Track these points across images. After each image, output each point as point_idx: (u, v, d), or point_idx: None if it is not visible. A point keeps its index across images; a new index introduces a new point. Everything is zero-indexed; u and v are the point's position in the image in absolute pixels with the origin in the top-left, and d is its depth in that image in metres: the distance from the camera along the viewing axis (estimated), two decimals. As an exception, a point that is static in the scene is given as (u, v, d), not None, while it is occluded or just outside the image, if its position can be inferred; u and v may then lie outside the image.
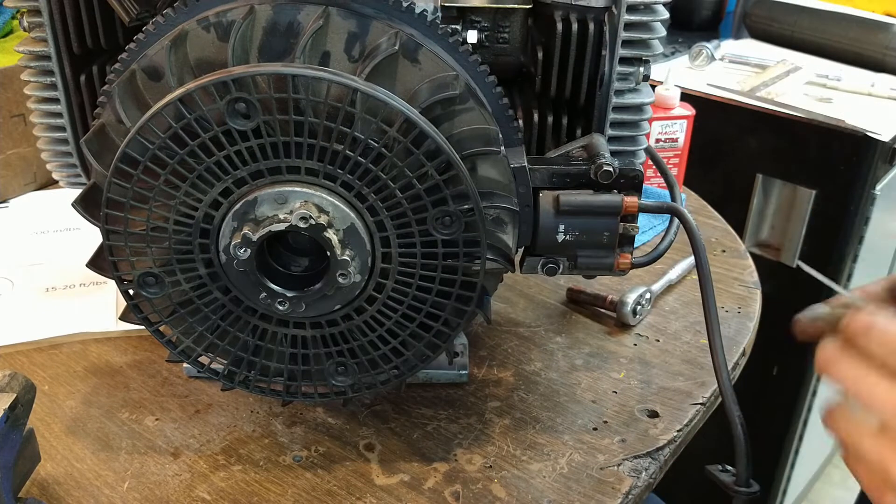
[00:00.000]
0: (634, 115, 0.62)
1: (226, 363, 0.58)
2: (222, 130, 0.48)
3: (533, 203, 0.56)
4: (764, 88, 1.38)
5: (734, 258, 0.91)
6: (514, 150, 0.56)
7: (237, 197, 0.51)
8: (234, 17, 0.51)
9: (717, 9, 1.75)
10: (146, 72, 0.52)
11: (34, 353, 0.73)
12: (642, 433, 0.65)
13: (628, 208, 0.56)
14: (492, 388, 0.70)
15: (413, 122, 0.48)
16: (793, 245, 1.34)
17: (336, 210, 0.50)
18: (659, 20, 0.60)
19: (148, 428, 0.65)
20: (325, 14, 0.51)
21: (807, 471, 1.65)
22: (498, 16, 0.63)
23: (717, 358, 0.58)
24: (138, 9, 0.58)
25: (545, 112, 0.64)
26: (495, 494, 0.59)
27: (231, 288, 0.54)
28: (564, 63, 0.62)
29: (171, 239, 0.52)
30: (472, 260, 0.53)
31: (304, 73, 0.47)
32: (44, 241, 0.92)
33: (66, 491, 0.59)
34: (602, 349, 0.75)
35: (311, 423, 0.65)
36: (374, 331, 0.56)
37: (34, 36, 0.62)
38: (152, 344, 0.74)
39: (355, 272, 0.52)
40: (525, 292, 0.84)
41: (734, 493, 0.57)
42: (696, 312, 0.81)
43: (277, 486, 0.59)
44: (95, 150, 0.53)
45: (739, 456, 0.56)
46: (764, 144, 1.32)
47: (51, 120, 0.65)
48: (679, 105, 1.01)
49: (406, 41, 0.52)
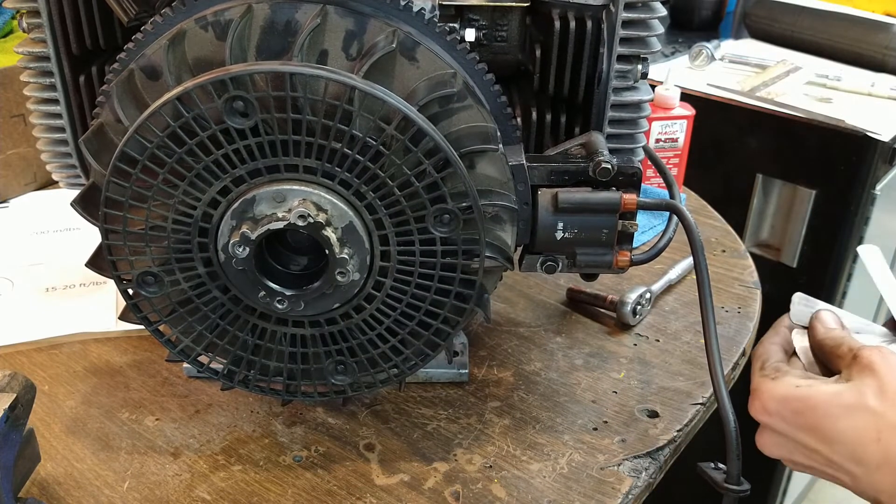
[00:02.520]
0: (633, 113, 0.62)
1: (225, 362, 0.58)
2: (220, 129, 0.48)
3: (531, 201, 0.56)
4: (764, 88, 1.38)
5: (734, 258, 0.91)
6: (512, 148, 0.56)
7: (236, 195, 0.51)
8: (231, 16, 0.51)
9: (717, 9, 1.75)
10: (144, 71, 0.52)
11: (34, 353, 0.73)
12: (642, 433, 0.65)
13: (627, 205, 0.56)
14: (492, 388, 0.70)
15: (411, 119, 0.48)
16: (793, 245, 1.34)
17: (334, 208, 0.50)
18: (657, 17, 0.60)
19: (148, 428, 0.64)
20: (322, 12, 0.51)
21: (808, 471, 1.64)
22: (496, 14, 0.63)
23: (712, 350, 0.59)
24: (137, 9, 0.58)
25: (543, 110, 0.64)
26: (495, 494, 0.59)
27: (230, 287, 0.54)
28: (562, 61, 0.62)
29: (170, 238, 0.52)
30: (471, 258, 0.53)
31: (301, 71, 0.47)
32: (44, 241, 0.92)
33: (66, 491, 0.58)
34: (602, 349, 0.75)
35: (311, 423, 0.65)
36: (373, 329, 0.56)
37: (33, 37, 0.62)
38: (152, 344, 0.74)
39: (354, 270, 0.52)
40: (525, 292, 0.84)
41: (724, 491, 0.57)
42: (696, 312, 0.81)
43: (277, 486, 0.59)
44: (94, 149, 0.53)
45: (730, 453, 0.56)
46: (764, 144, 1.32)
47: (50, 120, 0.65)
48: (679, 105, 1.01)
49: (404, 39, 0.52)
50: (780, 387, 0.54)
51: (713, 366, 0.58)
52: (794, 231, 1.33)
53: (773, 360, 0.57)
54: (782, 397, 0.53)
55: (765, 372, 0.56)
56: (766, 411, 0.54)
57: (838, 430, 0.51)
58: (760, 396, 0.54)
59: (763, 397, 0.54)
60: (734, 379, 0.75)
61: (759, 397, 0.54)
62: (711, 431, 0.70)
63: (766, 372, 0.56)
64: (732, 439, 0.56)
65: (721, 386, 0.58)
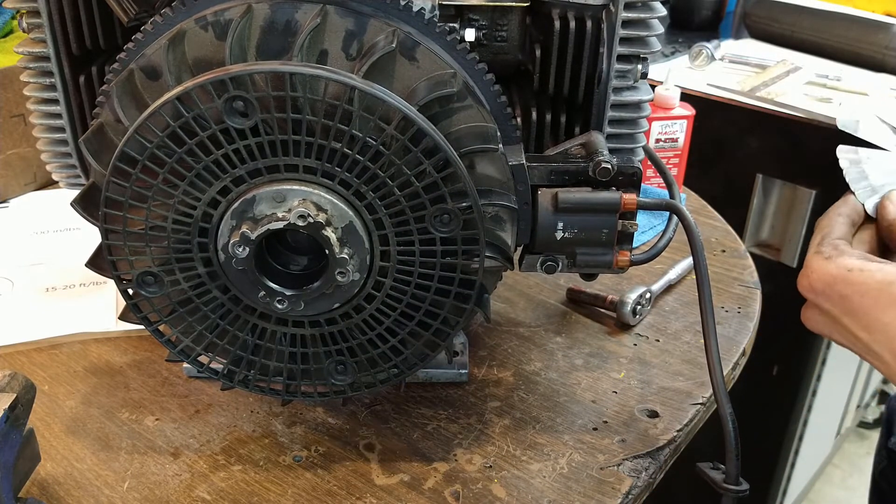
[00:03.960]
0: (633, 113, 0.62)
1: (225, 362, 0.58)
2: (220, 129, 0.48)
3: (531, 201, 0.56)
4: (764, 88, 1.38)
5: (734, 258, 0.91)
6: (512, 148, 0.56)
7: (235, 195, 0.51)
8: (231, 15, 0.51)
9: (717, 9, 1.75)
10: (144, 71, 0.52)
11: (34, 353, 0.73)
12: (642, 433, 0.65)
13: (627, 205, 0.56)
14: (492, 388, 0.70)
15: (411, 119, 0.48)
16: (793, 245, 1.34)
17: (334, 208, 0.50)
18: (657, 17, 0.60)
19: (148, 428, 0.64)
20: (322, 12, 0.51)
21: (807, 471, 1.65)
22: (496, 14, 0.63)
23: (711, 350, 0.59)
24: (136, 9, 0.58)
25: (543, 110, 0.64)
26: (495, 494, 0.59)
27: (230, 287, 0.54)
28: (562, 61, 0.62)
29: (170, 238, 0.52)
30: (471, 258, 0.53)
31: (301, 71, 0.47)
32: (44, 241, 0.92)
33: (66, 491, 0.58)
34: (602, 349, 0.75)
35: (311, 423, 0.65)
36: (373, 329, 0.56)
37: (33, 37, 0.62)
38: (152, 344, 0.74)
39: (354, 270, 0.52)
40: (525, 292, 0.84)
41: (723, 491, 0.57)
42: (696, 312, 0.80)
43: (277, 486, 0.59)
44: (94, 149, 0.53)
45: (729, 453, 0.56)
46: (764, 144, 1.32)
47: (50, 121, 0.65)
48: (679, 105, 1.01)
49: (404, 39, 0.52)
50: (832, 267, 0.52)
51: (712, 366, 0.58)
52: (794, 231, 1.33)
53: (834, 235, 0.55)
54: (832, 278, 0.52)
55: (821, 248, 0.54)
56: (813, 290, 0.53)
57: (883, 322, 0.49)
58: (810, 275, 0.53)
59: (812, 276, 0.53)
60: (734, 379, 0.75)
61: (809, 276, 0.53)
62: (711, 431, 0.70)
63: (823, 249, 0.54)
64: (731, 439, 0.56)
65: (720, 386, 0.58)
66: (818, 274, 0.52)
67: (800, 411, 1.43)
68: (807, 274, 0.53)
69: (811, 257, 0.54)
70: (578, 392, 0.69)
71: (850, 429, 1.97)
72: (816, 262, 0.53)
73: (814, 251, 0.54)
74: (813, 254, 0.54)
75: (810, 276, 0.53)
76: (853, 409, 1.86)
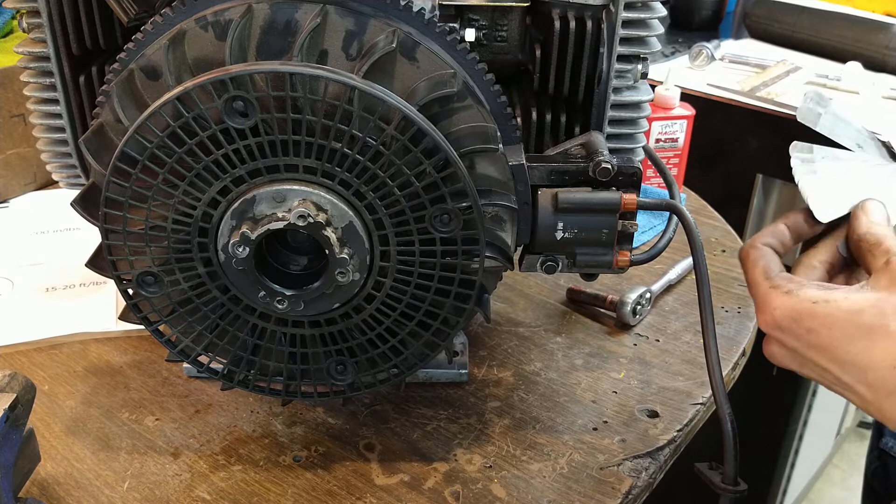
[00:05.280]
0: (633, 113, 0.62)
1: (225, 362, 0.58)
2: (220, 129, 0.48)
3: (531, 201, 0.56)
4: (764, 88, 1.38)
5: (734, 258, 0.91)
6: (512, 148, 0.56)
7: (235, 195, 0.51)
8: (231, 15, 0.51)
9: (717, 9, 1.75)
10: (144, 71, 0.52)
11: (34, 353, 0.73)
12: (642, 433, 0.65)
13: (627, 205, 0.56)
14: (492, 388, 0.70)
15: (411, 119, 0.48)
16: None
17: (334, 208, 0.50)
18: (656, 17, 0.60)
19: (148, 428, 0.64)
20: (322, 12, 0.51)
21: (807, 471, 1.65)
22: (496, 14, 0.63)
23: (711, 351, 0.59)
24: (137, 9, 0.58)
25: (543, 110, 0.64)
26: (495, 494, 0.59)
27: (230, 287, 0.54)
28: (562, 61, 0.62)
29: (170, 238, 0.52)
30: (471, 258, 0.53)
31: (301, 71, 0.47)
32: (44, 241, 0.92)
33: (66, 491, 0.58)
34: (602, 349, 0.75)
35: (311, 423, 0.65)
36: (372, 329, 0.56)
37: (33, 37, 0.62)
38: (152, 344, 0.74)
39: (354, 270, 0.52)
40: (525, 292, 0.84)
41: (721, 492, 0.57)
42: (696, 312, 0.80)
43: (277, 486, 0.59)
44: (94, 149, 0.53)
45: (728, 454, 0.56)
46: (764, 144, 1.32)
47: (50, 121, 0.65)
48: (679, 105, 1.01)
49: (404, 39, 0.52)
50: (794, 302, 0.50)
51: (712, 366, 0.58)
52: (794, 231, 1.33)
53: (775, 267, 0.53)
54: (797, 314, 0.50)
55: (775, 283, 0.52)
56: (778, 327, 0.51)
57: (852, 353, 0.48)
58: (773, 312, 0.51)
59: (776, 313, 0.50)
60: (734, 379, 0.75)
61: (771, 312, 0.51)
62: (711, 431, 0.70)
63: (778, 283, 0.52)
64: (730, 440, 0.56)
65: (719, 387, 0.58)
66: (782, 311, 0.50)
67: (800, 411, 1.42)
68: (768, 311, 0.51)
69: (768, 293, 0.52)
70: (578, 392, 0.69)
71: (850, 429, 1.97)
72: (778, 299, 0.51)
73: (767, 286, 0.52)
74: (768, 289, 0.52)
75: (773, 312, 0.51)
76: (853, 409, 1.86)
